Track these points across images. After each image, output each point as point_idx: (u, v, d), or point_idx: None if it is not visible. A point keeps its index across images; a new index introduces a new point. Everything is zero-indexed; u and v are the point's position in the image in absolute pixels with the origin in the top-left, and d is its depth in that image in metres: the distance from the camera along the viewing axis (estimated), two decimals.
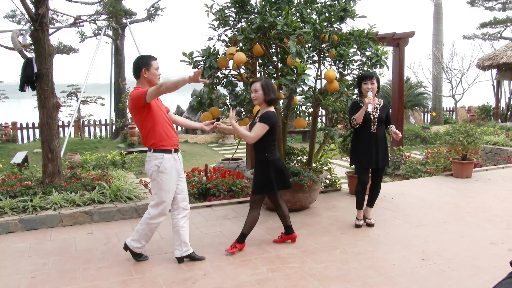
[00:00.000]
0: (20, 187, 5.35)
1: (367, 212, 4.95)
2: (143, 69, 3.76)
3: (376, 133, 4.67)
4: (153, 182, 3.80)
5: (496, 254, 4.05)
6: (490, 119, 15.98)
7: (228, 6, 5.22)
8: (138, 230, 3.91)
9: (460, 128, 7.31)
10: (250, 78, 5.32)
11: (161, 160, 3.72)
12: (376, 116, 4.66)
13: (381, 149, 4.69)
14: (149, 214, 3.85)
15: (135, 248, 3.95)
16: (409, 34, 8.12)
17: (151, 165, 3.75)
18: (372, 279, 3.56)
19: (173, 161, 3.78)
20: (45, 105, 5.66)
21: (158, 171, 3.72)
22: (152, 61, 3.81)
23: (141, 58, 3.83)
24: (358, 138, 4.78)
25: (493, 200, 5.89)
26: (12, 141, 13.20)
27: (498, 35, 20.84)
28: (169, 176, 3.75)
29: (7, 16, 13.71)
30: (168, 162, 3.74)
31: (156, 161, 3.72)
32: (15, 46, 6.68)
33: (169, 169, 3.75)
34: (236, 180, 6.51)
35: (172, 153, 3.79)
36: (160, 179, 3.74)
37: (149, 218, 3.84)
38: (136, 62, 3.81)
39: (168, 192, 3.78)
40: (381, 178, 4.91)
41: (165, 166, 3.72)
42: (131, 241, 3.95)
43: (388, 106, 4.90)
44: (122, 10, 12.93)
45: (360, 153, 4.73)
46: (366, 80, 4.63)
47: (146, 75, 3.76)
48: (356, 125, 4.64)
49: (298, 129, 14.40)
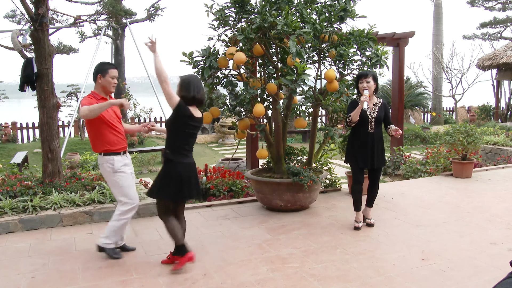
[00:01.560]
0: (20, 187, 5.35)
1: (367, 212, 4.93)
2: (98, 74, 3.96)
3: (373, 133, 4.64)
4: (112, 182, 4.01)
5: (496, 254, 4.05)
6: (490, 119, 15.98)
7: (228, 6, 5.22)
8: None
9: (460, 128, 7.31)
10: (250, 78, 5.32)
11: (113, 161, 3.94)
12: (374, 116, 4.64)
13: (377, 149, 4.66)
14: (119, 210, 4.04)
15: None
16: (409, 34, 8.12)
17: (104, 167, 3.97)
18: (372, 279, 3.56)
19: (125, 161, 4.04)
20: (45, 105, 5.66)
21: (114, 171, 3.95)
22: (110, 69, 4.01)
23: (101, 64, 4.03)
24: (354, 137, 4.75)
25: (493, 200, 5.89)
26: (12, 141, 13.21)
27: (498, 35, 20.85)
28: (124, 173, 4.00)
29: (7, 16, 13.72)
30: (120, 162, 3.97)
31: (108, 163, 3.94)
32: (15, 46, 6.67)
33: (123, 167, 3.99)
34: (236, 180, 6.51)
35: (121, 155, 4.02)
36: (117, 178, 3.97)
37: (119, 215, 4.03)
38: (96, 66, 4.02)
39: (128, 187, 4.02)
40: (379, 177, 4.88)
41: (118, 166, 3.96)
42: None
43: (387, 105, 4.86)
44: (122, 10, 12.94)
45: (356, 153, 4.71)
46: (362, 79, 4.61)
47: (100, 81, 3.96)
48: (352, 123, 4.60)
49: (298, 129, 14.41)
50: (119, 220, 4.01)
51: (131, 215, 4.07)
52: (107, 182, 4.07)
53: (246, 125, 5.56)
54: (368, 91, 4.54)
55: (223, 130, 15.03)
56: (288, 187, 5.29)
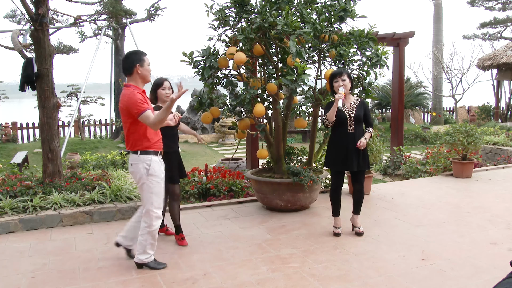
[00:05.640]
0: (20, 187, 5.35)
1: (355, 220, 4.66)
2: (137, 64, 3.63)
3: (354, 133, 4.41)
4: (143, 185, 3.69)
5: (496, 254, 4.05)
6: (490, 119, 15.97)
7: (228, 6, 5.22)
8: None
9: (460, 128, 7.31)
10: (250, 78, 5.32)
11: (150, 163, 3.65)
12: (353, 115, 4.42)
13: (359, 150, 4.43)
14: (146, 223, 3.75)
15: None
16: (409, 34, 8.11)
17: (138, 168, 3.66)
18: (372, 279, 3.56)
19: (160, 163, 3.76)
20: (45, 105, 5.66)
21: (148, 174, 3.65)
22: (145, 56, 3.71)
23: (134, 54, 3.70)
24: (334, 138, 4.53)
25: (493, 200, 5.89)
26: (12, 141, 13.20)
27: (498, 35, 20.84)
28: (157, 178, 3.70)
29: (7, 16, 13.71)
30: (156, 164, 3.70)
31: (144, 164, 3.65)
32: (15, 46, 6.68)
33: (158, 171, 3.71)
34: (236, 180, 6.51)
35: (158, 156, 3.76)
36: (149, 182, 3.67)
37: (147, 227, 3.75)
38: (129, 57, 3.67)
39: (158, 195, 3.73)
40: (363, 181, 4.60)
41: (154, 169, 3.67)
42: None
43: (366, 104, 4.63)
44: (122, 10, 12.93)
45: (335, 155, 4.48)
46: (337, 78, 4.40)
47: (140, 71, 3.64)
48: (329, 123, 4.39)
49: (298, 129, 14.40)
50: (149, 233, 3.72)
51: (158, 223, 3.76)
52: (137, 186, 3.76)
53: (246, 125, 5.56)
54: (344, 89, 4.33)
55: (223, 130, 15.03)
56: (288, 187, 5.29)
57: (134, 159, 3.68)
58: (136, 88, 3.65)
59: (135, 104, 3.52)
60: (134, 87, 3.65)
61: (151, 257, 3.81)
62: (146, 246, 3.76)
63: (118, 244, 4.03)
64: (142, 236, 3.75)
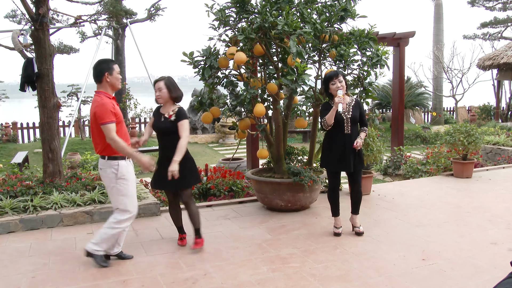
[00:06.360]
0: (21, 187, 5.35)
1: (354, 220, 4.66)
2: (106, 73, 3.76)
3: (351, 135, 4.39)
4: (113, 189, 3.80)
5: (496, 254, 4.05)
6: (490, 119, 15.97)
7: (228, 6, 5.22)
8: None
9: (460, 128, 7.31)
10: (250, 78, 5.32)
11: (117, 167, 3.75)
12: (349, 116, 4.39)
13: (355, 151, 4.42)
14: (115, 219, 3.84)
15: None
16: (409, 34, 8.11)
17: (107, 172, 3.77)
18: (372, 279, 3.56)
19: (129, 166, 3.85)
20: (46, 105, 5.66)
21: (117, 178, 3.75)
22: (114, 65, 3.84)
23: (104, 62, 3.82)
24: (331, 140, 4.49)
25: (493, 200, 5.89)
26: (12, 141, 13.22)
27: (498, 35, 20.85)
28: (126, 181, 3.80)
29: (8, 16, 13.73)
30: (124, 168, 3.78)
31: (112, 168, 3.75)
32: (15, 46, 6.68)
33: (126, 174, 3.79)
34: (236, 180, 6.52)
35: (126, 160, 3.83)
36: (119, 185, 3.77)
37: (115, 223, 3.84)
38: (98, 65, 3.80)
39: (129, 197, 3.82)
40: (360, 181, 4.59)
41: (122, 172, 3.76)
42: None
43: (361, 103, 4.62)
44: (122, 10, 12.94)
45: (332, 156, 4.46)
46: (334, 80, 4.34)
47: (109, 79, 3.77)
48: (328, 127, 4.36)
49: (298, 129, 14.40)
50: (114, 229, 3.80)
51: (128, 224, 3.88)
52: (107, 189, 3.88)
53: (246, 125, 5.56)
54: (342, 91, 4.28)
55: (224, 130, 15.03)
56: (289, 187, 5.29)
57: (103, 163, 3.81)
58: (106, 95, 3.77)
59: (105, 112, 3.65)
60: (104, 94, 3.77)
61: (101, 252, 3.85)
62: (104, 239, 3.81)
63: (107, 256, 4.00)
64: (105, 229, 3.82)
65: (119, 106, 3.99)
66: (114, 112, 3.70)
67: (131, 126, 13.96)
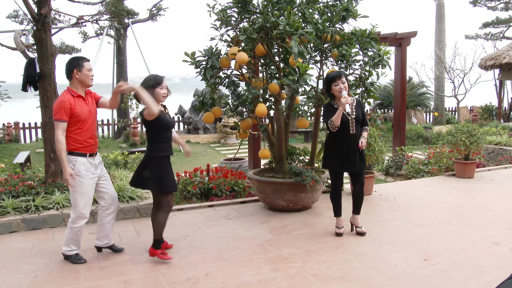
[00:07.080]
0: (23, 187, 5.36)
1: (355, 220, 4.65)
2: (74, 70, 3.80)
3: (355, 134, 4.38)
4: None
5: (498, 254, 4.05)
6: (492, 119, 15.95)
7: (230, 6, 5.22)
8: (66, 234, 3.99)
9: (462, 128, 7.30)
10: (252, 78, 5.33)
11: (75, 163, 3.78)
12: (354, 116, 4.38)
13: (359, 151, 4.43)
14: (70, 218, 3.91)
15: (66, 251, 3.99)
16: (411, 34, 8.11)
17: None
18: (374, 279, 3.56)
19: (88, 164, 3.85)
20: (48, 105, 5.67)
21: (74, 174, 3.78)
22: (84, 62, 3.86)
23: (73, 60, 3.87)
24: (335, 141, 4.45)
25: (495, 200, 5.88)
26: (14, 141, 13.25)
27: (500, 35, 20.83)
28: (81, 179, 3.81)
29: (10, 16, 13.75)
30: (82, 165, 3.81)
31: (70, 164, 3.77)
32: (17, 46, 6.69)
33: (83, 172, 3.81)
34: (238, 180, 6.52)
35: (88, 157, 3.85)
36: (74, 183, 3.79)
37: (70, 222, 3.91)
38: (68, 63, 3.84)
39: (82, 195, 3.84)
40: (363, 180, 4.61)
41: (78, 169, 3.78)
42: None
43: (362, 103, 4.60)
44: (124, 10, 12.95)
45: (336, 156, 4.44)
46: (337, 81, 4.31)
47: (78, 76, 3.81)
48: (335, 128, 4.31)
49: (300, 129, 14.40)
50: (71, 228, 3.89)
51: (81, 224, 3.89)
52: None
53: (248, 125, 5.57)
54: (345, 92, 4.26)
55: (225, 130, 15.04)
56: (290, 187, 5.29)
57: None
58: (71, 92, 3.82)
59: (59, 110, 3.70)
60: (70, 91, 3.82)
61: (73, 251, 3.97)
62: (68, 240, 3.93)
63: (98, 248, 4.17)
64: (67, 229, 3.94)
65: (121, 107, 3.96)
66: (71, 112, 3.73)
67: (132, 126, 13.97)
